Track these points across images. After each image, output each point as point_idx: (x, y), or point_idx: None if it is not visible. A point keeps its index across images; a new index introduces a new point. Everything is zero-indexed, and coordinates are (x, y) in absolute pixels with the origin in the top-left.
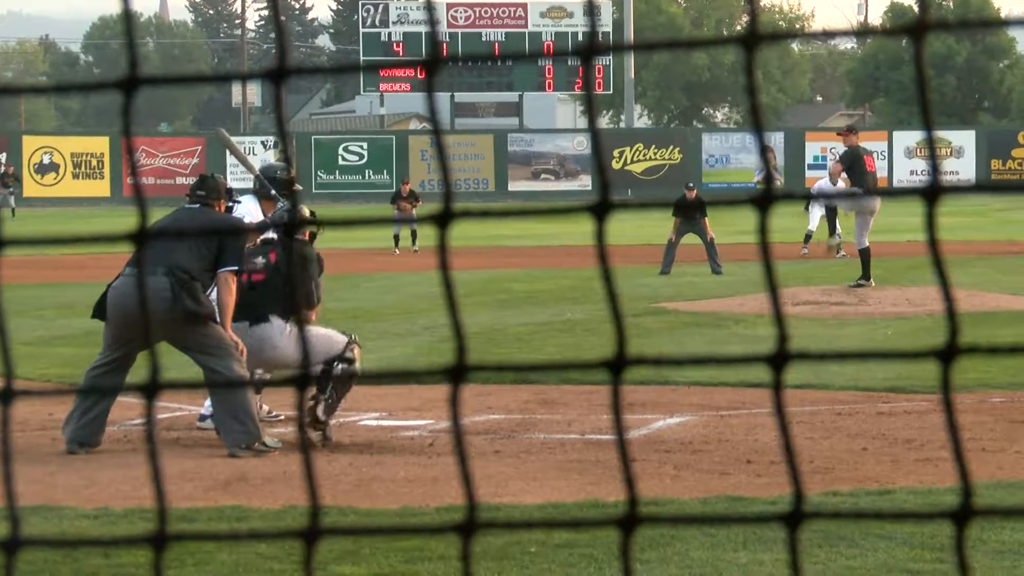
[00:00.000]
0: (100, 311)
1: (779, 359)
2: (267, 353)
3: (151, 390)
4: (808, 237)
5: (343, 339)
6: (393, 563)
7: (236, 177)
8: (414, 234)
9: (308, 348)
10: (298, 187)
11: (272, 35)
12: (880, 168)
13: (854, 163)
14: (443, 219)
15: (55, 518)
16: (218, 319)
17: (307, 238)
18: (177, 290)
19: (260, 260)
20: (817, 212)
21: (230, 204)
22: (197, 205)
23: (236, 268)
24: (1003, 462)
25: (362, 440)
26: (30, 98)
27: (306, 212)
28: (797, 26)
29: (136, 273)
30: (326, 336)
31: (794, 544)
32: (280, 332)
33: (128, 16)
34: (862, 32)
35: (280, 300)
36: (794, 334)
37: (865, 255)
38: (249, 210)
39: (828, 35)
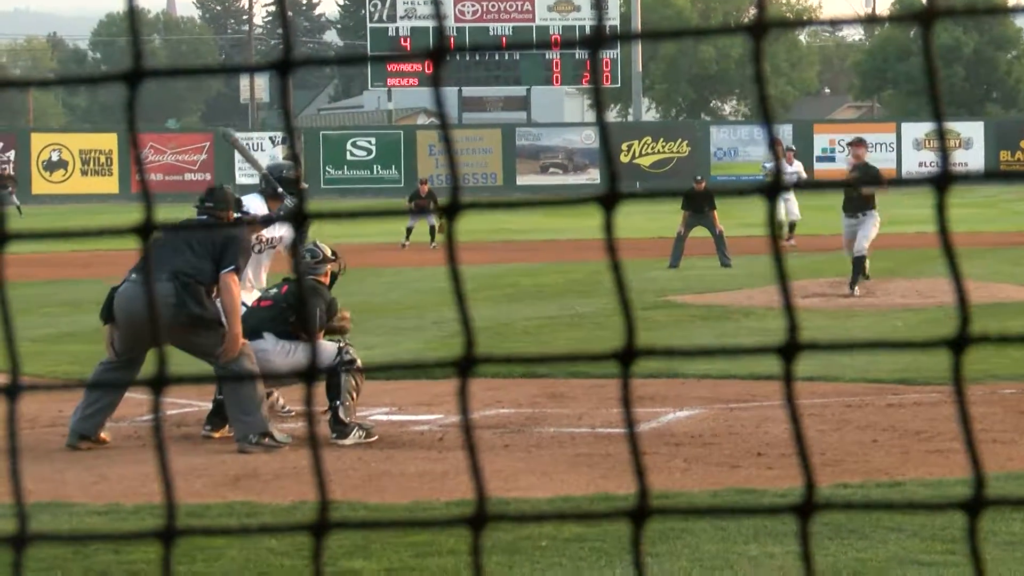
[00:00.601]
0: (109, 315)
1: (790, 349)
2: (261, 369)
3: (159, 384)
4: (792, 227)
5: (333, 346)
6: (403, 558)
7: (244, 173)
8: (432, 230)
9: (315, 357)
10: (304, 185)
11: (279, 31)
12: (888, 160)
13: (869, 170)
14: (452, 211)
15: (65, 514)
16: (223, 322)
17: (327, 281)
18: (182, 295)
19: (272, 291)
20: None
21: (239, 215)
22: (204, 217)
23: (235, 268)
24: (1013, 454)
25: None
26: (38, 95)
27: (327, 251)
28: (805, 17)
29: (141, 280)
30: (316, 347)
31: (806, 535)
32: (273, 348)
33: (132, 9)
34: (870, 20)
35: (280, 324)
36: (803, 326)
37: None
38: (256, 207)
39: (836, 23)
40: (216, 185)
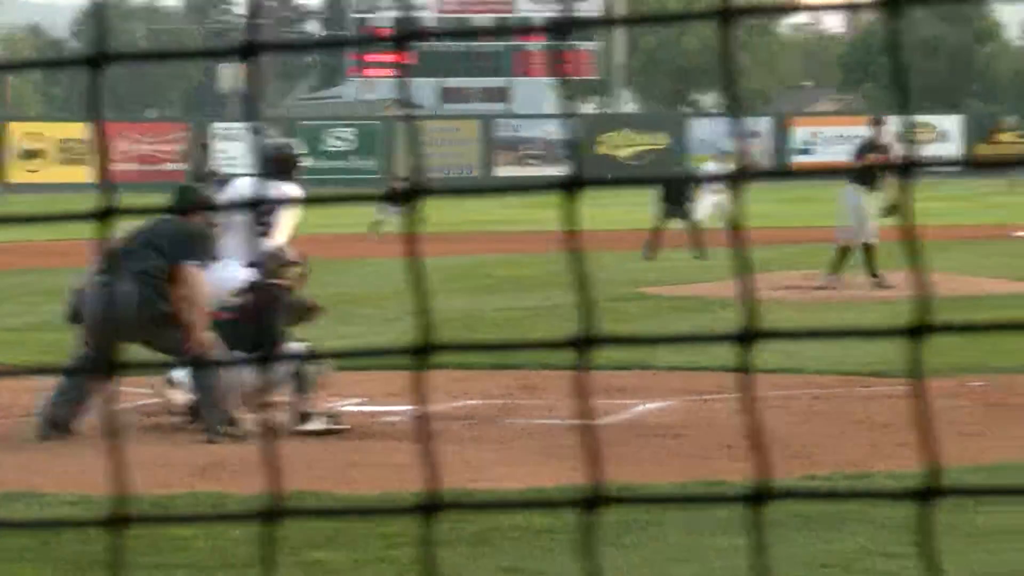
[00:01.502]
0: (74, 316)
1: (747, 337)
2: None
3: (117, 369)
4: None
5: (299, 346)
6: (373, 549)
7: (225, 164)
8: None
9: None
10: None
11: (258, 19)
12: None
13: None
14: (410, 196)
15: (36, 504)
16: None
17: (289, 285)
18: (146, 293)
19: (231, 300)
20: (710, 198)
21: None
22: (171, 217)
23: (198, 262)
24: (982, 446)
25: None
26: (16, 84)
27: (291, 255)
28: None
29: (104, 282)
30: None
31: (758, 523)
32: (247, 368)
33: None
34: (836, 7)
35: (245, 338)
36: (775, 318)
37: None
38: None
39: (810, 9)
40: (186, 185)
